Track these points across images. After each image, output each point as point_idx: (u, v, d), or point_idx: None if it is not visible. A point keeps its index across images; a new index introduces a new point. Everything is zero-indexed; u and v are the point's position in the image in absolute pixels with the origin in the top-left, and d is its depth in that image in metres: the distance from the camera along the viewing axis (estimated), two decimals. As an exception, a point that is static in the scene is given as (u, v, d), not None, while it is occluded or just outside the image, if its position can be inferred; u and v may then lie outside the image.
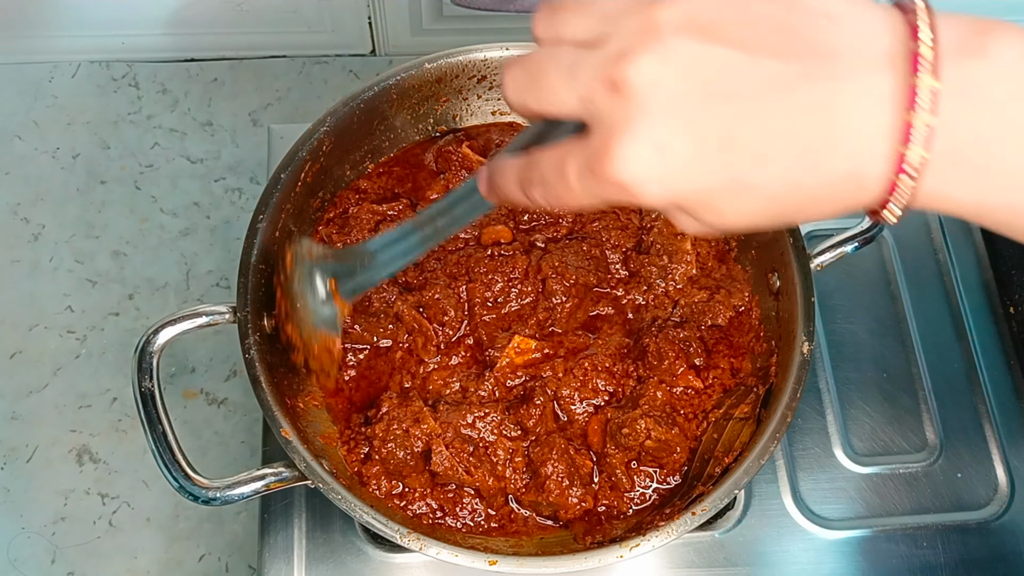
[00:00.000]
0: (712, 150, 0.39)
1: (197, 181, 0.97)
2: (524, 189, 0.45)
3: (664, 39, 0.39)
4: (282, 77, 1.04)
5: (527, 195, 0.45)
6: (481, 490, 0.71)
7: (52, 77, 1.02)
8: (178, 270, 0.93)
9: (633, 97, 0.38)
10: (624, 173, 0.39)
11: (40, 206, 0.95)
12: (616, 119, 0.39)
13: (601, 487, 0.72)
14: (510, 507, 0.72)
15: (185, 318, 0.68)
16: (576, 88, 0.41)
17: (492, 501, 0.71)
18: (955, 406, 0.84)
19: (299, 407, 0.71)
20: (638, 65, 0.38)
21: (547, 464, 0.70)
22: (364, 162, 0.84)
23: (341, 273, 0.65)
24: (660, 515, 0.70)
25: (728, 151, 0.39)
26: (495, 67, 0.84)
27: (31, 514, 0.82)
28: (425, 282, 0.77)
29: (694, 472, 0.72)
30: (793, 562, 0.77)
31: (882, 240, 0.91)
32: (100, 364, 0.88)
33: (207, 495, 0.64)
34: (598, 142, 0.40)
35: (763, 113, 0.38)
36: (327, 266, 0.66)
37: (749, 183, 0.39)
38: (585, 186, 0.41)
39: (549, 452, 0.70)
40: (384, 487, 0.70)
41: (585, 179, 0.41)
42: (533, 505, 0.71)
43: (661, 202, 0.41)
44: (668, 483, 0.72)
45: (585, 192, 0.42)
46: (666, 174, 0.39)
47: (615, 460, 0.71)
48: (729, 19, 0.39)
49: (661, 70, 0.38)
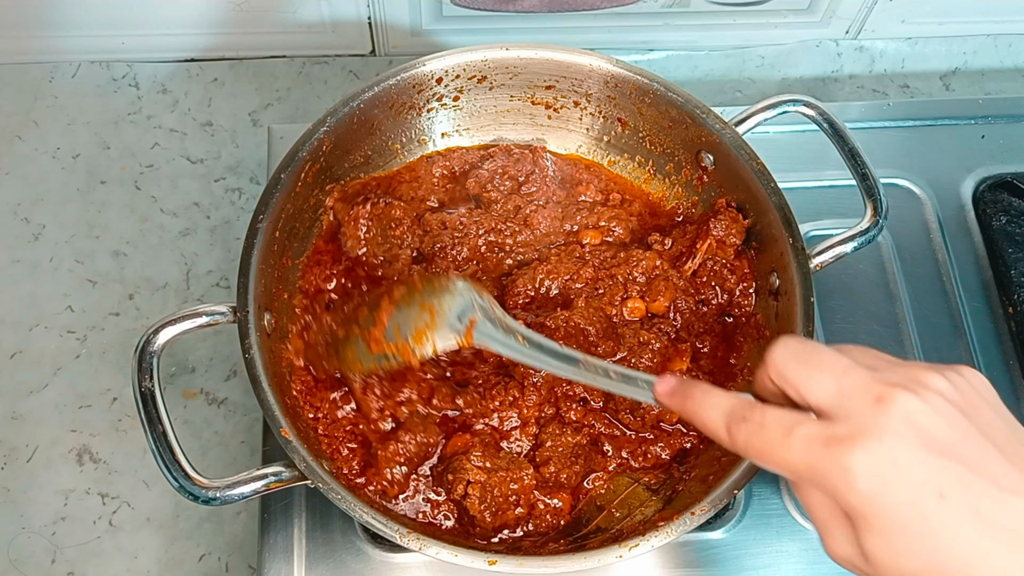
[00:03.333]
0: (928, 500, 0.45)
1: (197, 181, 0.97)
2: (730, 423, 0.51)
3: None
4: (282, 77, 1.04)
5: (728, 427, 0.51)
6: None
7: (52, 77, 1.02)
8: (178, 270, 0.93)
9: (892, 414, 0.46)
10: (857, 463, 0.45)
11: (40, 206, 0.95)
12: (869, 424, 0.46)
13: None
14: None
15: (185, 318, 0.68)
16: (842, 384, 0.47)
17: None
18: (954, 406, 0.84)
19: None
20: (900, 402, 0.46)
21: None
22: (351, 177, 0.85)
23: (485, 320, 0.70)
24: (660, 515, 0.70)
25: (939, 504, 0.44)
26: (495, 67, 0.84)
27: (31, 514, 0.82)
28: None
29: (563, 531, 0.73)
30: (792, 562, 0.77)
31: (882, 240, 0.91)
32: (100, 364, 0.88)
33: (207, 495, 0.64)
34: (843, 429, 0.46)
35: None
36: (483, 308, 0.71)
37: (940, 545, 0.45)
38: (806, 452, 0.47)
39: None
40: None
41: (811, 448, 0.47)
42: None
43: (859, 504, 0.46)
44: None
45: (799, 456, 0.47)
46: (886, 486, 0.45)
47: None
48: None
49: (917, 419, 0.46)
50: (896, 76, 1.08)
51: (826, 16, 1.04)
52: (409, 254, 0.81)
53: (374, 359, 0.71)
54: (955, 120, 0.98)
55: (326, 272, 0.80)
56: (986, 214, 0.93)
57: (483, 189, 0.85)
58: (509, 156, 0.86)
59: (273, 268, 0.76)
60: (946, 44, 1.08)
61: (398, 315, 0.72)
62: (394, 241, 0.81)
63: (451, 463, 0.72)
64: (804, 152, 0.93)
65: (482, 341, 0.70)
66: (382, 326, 0.71)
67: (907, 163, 0.95)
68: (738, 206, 0.81)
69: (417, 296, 0.72)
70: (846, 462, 0.45)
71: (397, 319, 0.72)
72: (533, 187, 0.85)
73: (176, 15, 0.98)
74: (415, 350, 0.70)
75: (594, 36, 1.03)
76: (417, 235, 0.82)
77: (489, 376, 0.77)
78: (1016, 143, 0.97)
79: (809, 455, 0.47)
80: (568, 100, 0.87)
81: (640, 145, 0.87)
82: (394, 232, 0.81)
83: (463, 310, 0.71)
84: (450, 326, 0.71)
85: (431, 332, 0.71)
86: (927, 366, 0.49)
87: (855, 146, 0.78)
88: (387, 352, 0.71)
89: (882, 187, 0.77)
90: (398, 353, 0.71)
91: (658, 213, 0.88)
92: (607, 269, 0.81)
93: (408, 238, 0.82)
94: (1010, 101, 1.01)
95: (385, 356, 0.71)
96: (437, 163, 0.88)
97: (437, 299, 0.72)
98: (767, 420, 0.49)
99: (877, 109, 0.99)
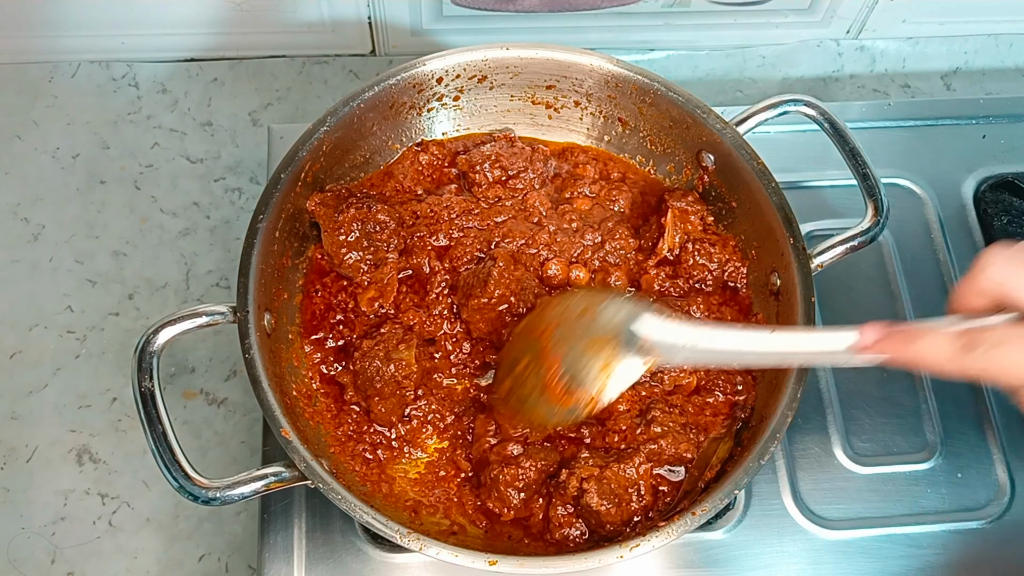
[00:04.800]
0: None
1: (197, 181, 0.97)
2: (962, 350, 0.52)
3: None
4: (282, 77, 1.04)
5: (960, 355, 0.52)
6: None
7: (52, 77, 1.02)
8: (178, 270, 0.93)
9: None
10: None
11: (40, 206, 0.95)
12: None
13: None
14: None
15: (185, 318, 0.68)
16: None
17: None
18: (955, 406, 0.84)
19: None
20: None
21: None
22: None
23: (660, 332, 0.65)
24: (660, 516, 0.70)
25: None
26: (496, 67, 0.84)
27: (31, 514, 0.82)
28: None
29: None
30: (793, 562, 0.77)
31: (882, 240, 0.91)
32: (100, 364, 0.88)
33: (207, 495, 0.64)
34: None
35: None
36: (652, 317, 0.66)
37: None
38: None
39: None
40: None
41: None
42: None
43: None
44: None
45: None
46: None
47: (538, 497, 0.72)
48: None
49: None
50: (897, 76, 1.08)
51: (827, 16, 1.03)
52: (396, 256, 0.81)
53: (567, 413, 0.68)
54: (956, 120, 0.98)
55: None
56: (987, 214, 0.92)
57: (471, 168, 0.85)
58: (511, 146, 0.86)
59: (273, 268, 0.75)
60: (947, 44, 1.08)
61: (565, 363, 0.67)
62: (379, 244, 0.80)
63: (562, 469, 0.71)
64: (805, 152, 0.93)
65: (668, 356, 0.66)
66: (557, 379, 0.67)
67: (908, 163, 0.95)
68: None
69: (580, 334, 0.67)
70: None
71: (567, 368, 0.67)
72: (520, 184, 0.85)
73: (176, 15, 0.98)
74: (603, 395, 0.66)
75: (594, 36, 1.03)
76: (401, 236, 0.82)
77: None
78: (1017, 143, 0.97)
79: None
80: (568, 100, 0.87)
81: (641, 145, 0.87)
82: (379, 236, 0.80)
83: (630, 336, 0.66)
84: (629, 356, 0.66)
85: (613, 368, 0.66)
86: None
87: (856, 146, 0.78)
88: (576, 404, 0.67)
89: (883, 187, 0.77)
90: (587, 404, 0.67)
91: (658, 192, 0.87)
92: (579, 233, 0.82)
93: (394, 241, 0.81)
94: (1011, 101, 1.00)
95: (576, 407, 0.67)
96: (429, 150, 0.87)
97: (604, 328, 0.66)
98: (1007, 336, 0.51)
99: (878, 109, 0.99)
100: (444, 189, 0.85)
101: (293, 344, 0.77)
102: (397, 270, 0.80)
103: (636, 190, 0.87)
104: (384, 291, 0.80)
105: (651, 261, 0.81)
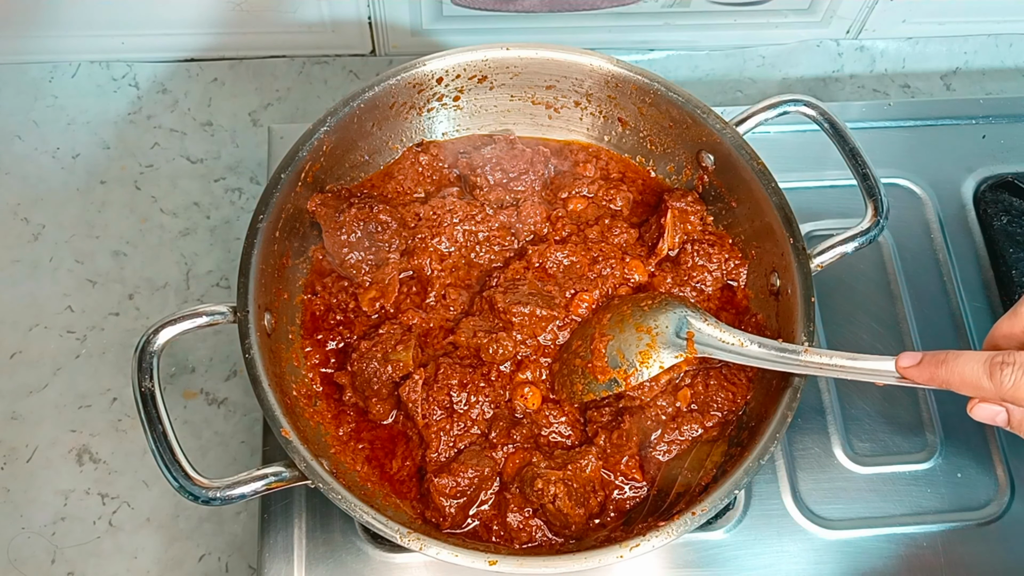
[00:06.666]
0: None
1: (197, 181, 0.97)
2: (992, 371, 0.57)
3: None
4: (282, 77, 1.04)
5: (991, 375, 0.57)
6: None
7: (52, 77, 1.02)
8: (178, 270, 0.93)
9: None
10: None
11: (40, 206, 0.95)
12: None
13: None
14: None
15: (185, 318, 0.68)
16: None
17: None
18: (955, 406, 0.83)
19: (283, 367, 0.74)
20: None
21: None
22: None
23: (703, 330, 0.73)
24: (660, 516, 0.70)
25: None
26: (496, 67, 0.84)
27: (31, 514, 0.82)
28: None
29: (650, 508, 0.73)
30: (793, 562, 0.77)
31: (882, 240, 0.91)
32: (100, 364, 0.88)
33: (207, 495, 0.64)
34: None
35: None
36: (699, 319, 0.74)
37: None
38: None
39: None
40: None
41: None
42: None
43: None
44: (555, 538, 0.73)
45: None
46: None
47: (511, 500, 0.72)
48: None
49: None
50: (897, 76, 1.08)
51: (827, 16, 1.04)
52: (398, 257, 0.81)
53: (604, 387, 0.74)
54: (956, 120, 0.98)
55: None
56: (987, 214, 0.92)
57: (472, 172, 0.85)
58: (511, 148, 0.86)
59: (273, 268, 0.76)
60: (947, 44, 1.08)
61: (615, 343, 0.74)
62: (381, 245, 0.80)
63: (522, 479, 0.72)
64: (805, 152, 0.93)
65: (704, 351, 0.73)
66: (602, 356, 0.74)
67: (908, 163, 0.95)
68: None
69: (630, 320, 0.76)
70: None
71: (615, 346, 0.75)
72: (520, 187, 0.85)
73: (176, 15, 0.98)
74: (641, 372, 0.73)
75: (594, 36, 1.03)
76: (403, 237, 0.82)
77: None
78: (1017, 143, 0.97)
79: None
80: (568, 100, 0.87)
81: (641, 145, 0.87)
82: (381, 236, 0.81)
83: (679, 325, 0.74)
84: (672, 343, 0.74)
85: (655, 351, 0.74)
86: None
87: (856, 146, 0.78)
88: (616, 378, 0.74)
89: (883, 187, 0.77)
90: (626, 378, 0.73)
91: (659, 192, 0.87)
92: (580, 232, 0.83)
93: (396, 241, 0.81)
94: (1011, 101, 1.01)
95: (615, 381, 0.74)
96: (429, 150, 0.87)
97: (652, 319, 0.75)
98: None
99: (878, 109, 0.99)
100: (446, 191, 0.85)
101: (293, 344, 0.77)
102: (399, 270, 0.81)
103: (635, 190, 0.87)
104: (386, 291, 0.80)
105: (651, 261, 0.81)
